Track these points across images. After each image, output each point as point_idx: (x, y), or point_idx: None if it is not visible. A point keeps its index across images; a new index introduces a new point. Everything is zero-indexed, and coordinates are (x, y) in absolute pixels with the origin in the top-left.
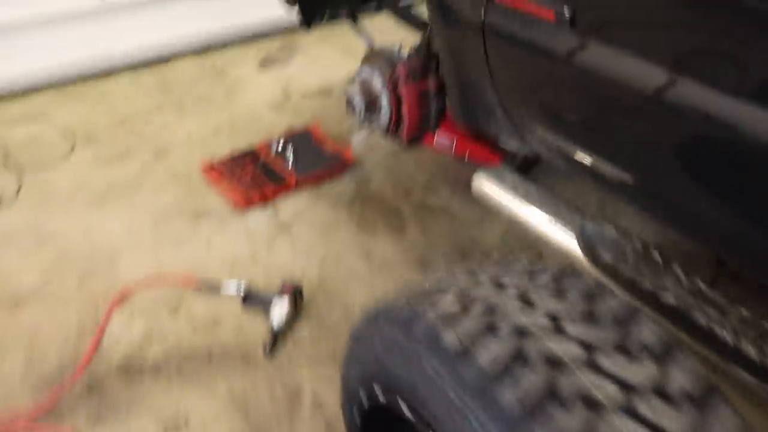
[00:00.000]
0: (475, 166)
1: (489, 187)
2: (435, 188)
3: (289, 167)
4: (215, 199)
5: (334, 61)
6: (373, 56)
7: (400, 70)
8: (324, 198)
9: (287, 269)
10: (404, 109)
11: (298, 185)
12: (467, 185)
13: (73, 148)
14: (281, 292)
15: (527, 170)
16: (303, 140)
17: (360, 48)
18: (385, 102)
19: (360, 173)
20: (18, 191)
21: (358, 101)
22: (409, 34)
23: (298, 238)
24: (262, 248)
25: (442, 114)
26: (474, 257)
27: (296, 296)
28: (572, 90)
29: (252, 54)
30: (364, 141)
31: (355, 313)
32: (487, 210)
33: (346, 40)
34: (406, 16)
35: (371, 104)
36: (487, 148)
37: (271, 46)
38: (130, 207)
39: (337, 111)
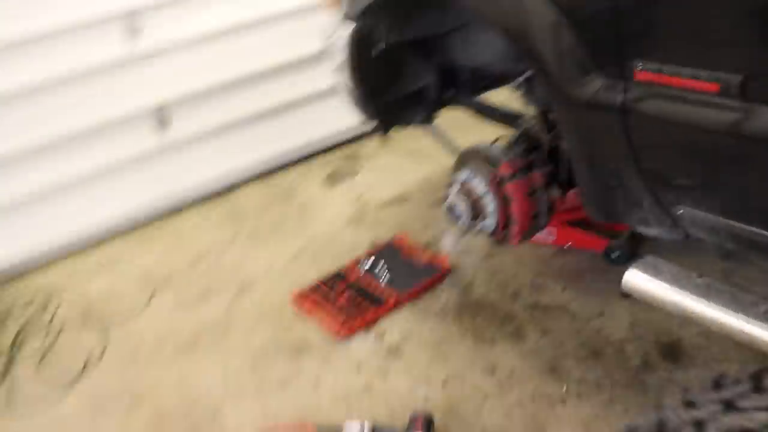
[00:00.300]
0: (581, 254)
1: (648, 282)
2: (544, 285)
3: (385, 285)
4: (313, 331)
5: (402, 166)
6: (470, 157)
7: (504, 169)
8: (428, 312)
9: (408, 397)
10: (514, 209)
11: (399, 303)
12: (576, 277)
13: (153, 294)
14: (412, 427)
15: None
16: (392, 254)
17: (426, 149)
18: (491, 204)
19: (460, 279)
20: (104, 349)
21: (461, 206)
22: (487, 127)
23: (411, 361)
24: (376, 378)
25: (552, 208)
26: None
27: (429, 428)
28: (747, 165)
29: (317, 171)
30: (456, 245)
31: None
32: (606, 302)
33: (410, 144)
34: (484, 109)
35: (475, 208)
36: (589, 234)
37: (335, 159)
38: (224, 350)
39: (418, 218)
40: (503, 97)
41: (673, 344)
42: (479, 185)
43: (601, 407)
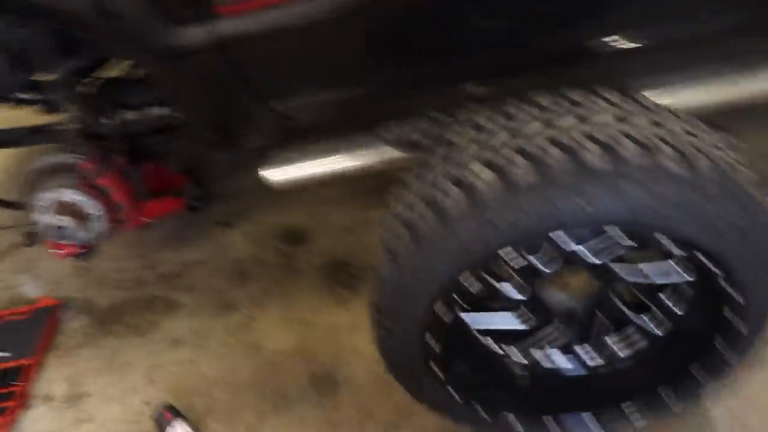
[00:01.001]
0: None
1: (286, 172)
2: (154, 258)
3: (5, 360)
4: None
5: None
6: (41, 177)
7: (86, 168)
8: (71, 348)
9: (130, 414)
10: (117, 198)
11: (36, 364)
12: (177, 236)
13: None
14: (163, 423)
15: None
16: None
17: None
18: (93, 206)
19: (75, 304)
20: None
21: (68, 225)
22: None
23: (98, 391)
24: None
25: (147, 178)
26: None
27: (177, 412)
28: (330, 41)
29: None
30: (38, 282)
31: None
32: (214, 238)
33: None
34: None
35: (80, 218)
36: (167, 199)
37: None
38: None
39: None
40: None
41: (290, 231)
42: (72, 195)
43: (286, 306)
